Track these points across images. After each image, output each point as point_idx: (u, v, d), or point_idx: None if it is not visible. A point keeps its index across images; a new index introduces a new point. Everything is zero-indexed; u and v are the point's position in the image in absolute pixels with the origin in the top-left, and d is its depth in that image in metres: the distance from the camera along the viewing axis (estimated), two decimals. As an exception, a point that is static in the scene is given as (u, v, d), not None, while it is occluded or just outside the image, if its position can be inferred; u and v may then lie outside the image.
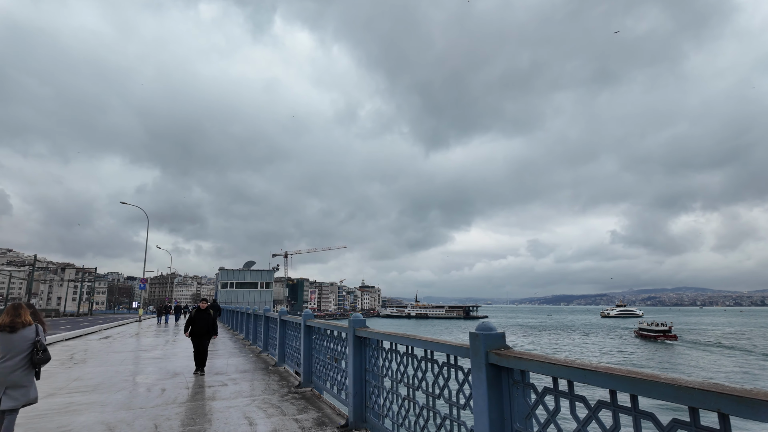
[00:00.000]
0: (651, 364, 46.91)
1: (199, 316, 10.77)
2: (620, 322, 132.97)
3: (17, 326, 4.66)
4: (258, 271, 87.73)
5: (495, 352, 2.81)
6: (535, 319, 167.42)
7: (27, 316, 4.81)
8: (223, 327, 28.62)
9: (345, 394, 5.93)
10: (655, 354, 55.68)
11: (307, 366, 7.96)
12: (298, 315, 9.08)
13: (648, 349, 61.00)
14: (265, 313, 13.06)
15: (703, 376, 38.52)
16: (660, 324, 75.51)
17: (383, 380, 4.91)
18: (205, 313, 10.85)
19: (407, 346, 4.33)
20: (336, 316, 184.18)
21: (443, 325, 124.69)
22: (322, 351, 7.30)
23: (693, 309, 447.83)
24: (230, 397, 7.47)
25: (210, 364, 11.65)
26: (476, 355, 2.93)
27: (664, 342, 68.53)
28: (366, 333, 5.23)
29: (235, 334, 22.02)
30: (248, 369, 10.65)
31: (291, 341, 9.85)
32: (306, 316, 8.07)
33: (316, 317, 33.91)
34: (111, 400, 7.37)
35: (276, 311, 11.64)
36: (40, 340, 4.80)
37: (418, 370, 4.08)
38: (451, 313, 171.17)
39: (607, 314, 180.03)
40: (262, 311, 13.54)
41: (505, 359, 2.72)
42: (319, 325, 7.35)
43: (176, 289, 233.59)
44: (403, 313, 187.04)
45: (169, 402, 7.18)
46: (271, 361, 11.73)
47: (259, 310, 14.77)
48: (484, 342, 2.89)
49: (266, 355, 13.11)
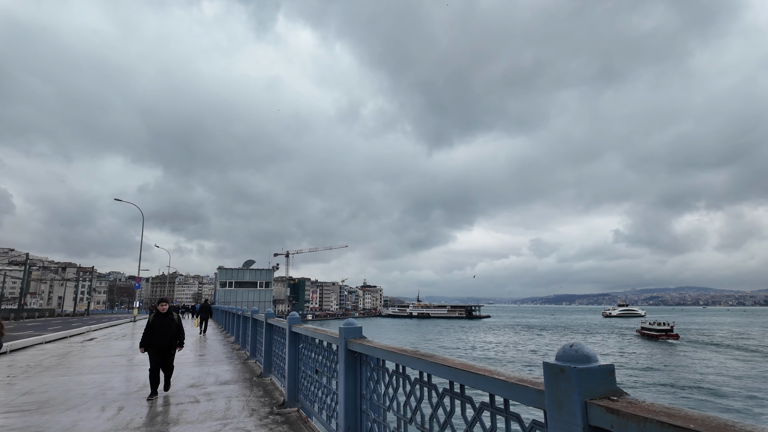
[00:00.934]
0: (651, 363, 46.00)
1: (160, 323, 8.02)
2: (622, 322, 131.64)
3: None
4: (257, 270, 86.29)
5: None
6: (538, 318, 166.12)
7: None
8: (216, 328, 27.28)
9: (336, 425, 4.40)
10: (656, 353, 55.40)
11: (293, 381, 6.57)
12: (283, 319, 7.69)
13: (650, 348, 60.67)
14: (253, 315, 11.65)
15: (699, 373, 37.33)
16: (662, 323, 76.30)
17: (386, 414, 3.48)
18: (167, 319, 8.13)
19: (421, 372, 2.87)
20: (338, 315, 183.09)
21: (445, 325, 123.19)
22: (309, 364, 5.92)
23: (696, 309, 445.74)
24: (197, 420, 6.08)
25: (189, 371, 10.33)
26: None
27: (666, 341, 69.16)
28: (362, 347, 3.78)
29: (227, 337, 20.62)
30: (229, 380, 9.24)
31: (278, 349, 8.46)
32: (291, 320, 6.67)
33: (317, 317, 32.41)
34: (50, 424, 5.98)
35: (280, 313, 9.98)
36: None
37: (439, 407, 2.64)
38: (453, 313, 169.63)
39: (609, 314, 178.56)
40: (250, 313, 12.13)
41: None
42: (306, 333, 5.94)
43: (177, 289, 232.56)
44: (405, 312, 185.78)
45: (120, 428, 5.79)
46: (257, 370, 10.34)
47: (248, 311, 13.32)
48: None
49: (254, 362, 11.72)
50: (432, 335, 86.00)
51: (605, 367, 1.55)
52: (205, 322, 23.03)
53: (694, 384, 35.30)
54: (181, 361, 12.11)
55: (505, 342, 70.23)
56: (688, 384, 35.30)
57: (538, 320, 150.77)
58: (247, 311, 13.55)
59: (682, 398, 30.42)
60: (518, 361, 47.88)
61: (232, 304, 69.88)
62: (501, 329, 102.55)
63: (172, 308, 30.75)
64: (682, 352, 55.70)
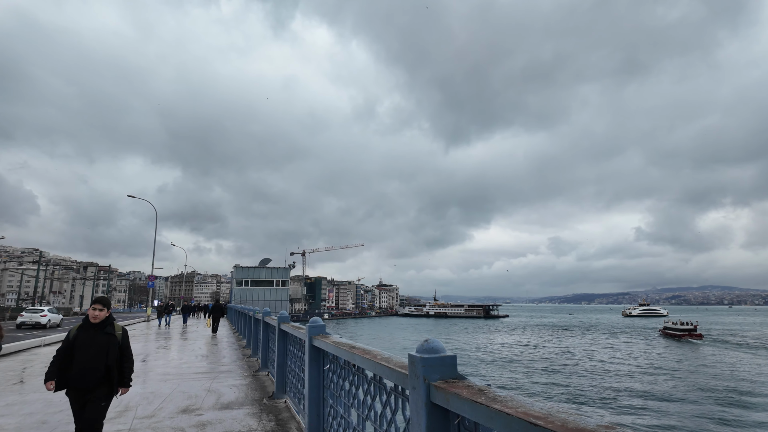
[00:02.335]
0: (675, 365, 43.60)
1: (87, 342, 4.43)
2: (644, 322, 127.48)
3: None
4: (273, 268, 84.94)
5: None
6: (557, 318, 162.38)
7: None
8: (229, 329, 25.59)
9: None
10: (678, 353, 54.23)
11: (315, 418, 4.54)
12: (301, 326, 5.68)
13: (675, 350, 59.15)
14: (264, 318, 9.68)
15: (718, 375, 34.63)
16: (685, 323, 75.94)
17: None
18: (99, 334, 4.49)
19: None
20: (354, 314, 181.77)
21: (463, 324, 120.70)
22: (342, 399, 3.89)
23: (721, 308, 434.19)
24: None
25: (186, 387, 8.46)
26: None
27: (689, 341, 68.58)
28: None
29: (239, 340, 18.63)
30: (233, 401, 7.26)
31: (294, 365, 6.46)
32: (312, 330, 4.66)
33: (334, 316, 30.38)
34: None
35: (296, 312, 7.97)
36: None
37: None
38: (470, 312, 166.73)
39: (629, 313, 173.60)
40: (261, 314, 10.17)
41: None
42: (338, 353, 3.90)
43: (196, 288, 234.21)
44: (422, 312, 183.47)
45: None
46: (269, 387, 8.36)
47: (258, 312, 11.37)
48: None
49: (265, 374, 9.74)
50: (449, 335, 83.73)
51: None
52: (216, 322, 22.86)
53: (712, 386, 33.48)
54: (181, 372, 10.26)
55: (524, 342, 67.64)
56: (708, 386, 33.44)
57: (557, 320, 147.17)
58: (258, 312, 11.58)
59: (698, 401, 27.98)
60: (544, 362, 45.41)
61: (249, 303, 68.74)
62: (521, 329, 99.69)
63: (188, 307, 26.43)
64: (706, 353, 54.55)
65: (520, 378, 36.97)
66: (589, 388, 32.56)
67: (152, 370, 10.58)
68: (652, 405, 27.87)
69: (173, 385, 8.60)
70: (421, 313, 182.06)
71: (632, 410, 26.71)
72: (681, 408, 27.29)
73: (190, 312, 39.14)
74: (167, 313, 29.28)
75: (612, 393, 30.98)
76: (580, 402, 28.45)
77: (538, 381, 35.55)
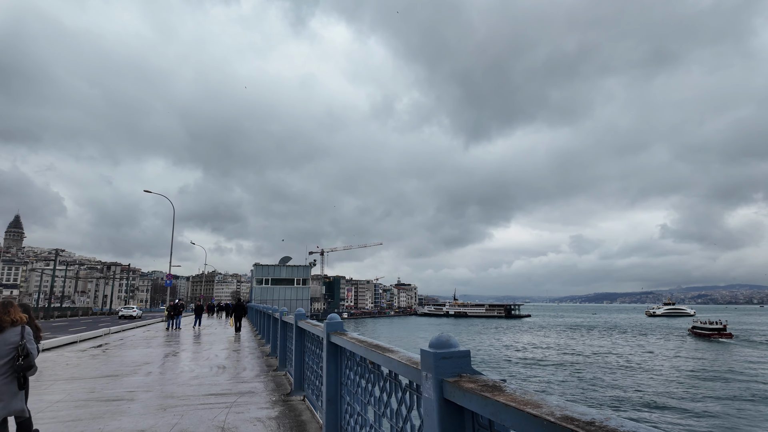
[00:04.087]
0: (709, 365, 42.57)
1: None
2: (670, 322, 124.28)
3: (5, 325, 4.13)
4: (294, 266, 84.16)
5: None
6: (582, 318, 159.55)
7: (18, 314, 4.25)
8: (250, 330, 25.70)
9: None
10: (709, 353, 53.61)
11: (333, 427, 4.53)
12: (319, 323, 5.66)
13: (701, 348, 59.20)
14: (283, 317, 9.48)
15: None
16: (714, 322, 76.16)
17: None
18: None
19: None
20: (373, 314, 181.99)
21: (483, 324, 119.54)
22: (360, 393, 3.88)
23: (751, 308, 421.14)
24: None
25: (194, 419, 6.12)
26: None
27: (719, 340, 68.57)
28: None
29: (261, 345, 17.15)
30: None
31: (313, 375, 6.43)
32: (330, 326, 4.64)
33: (353, 315, 29.83)
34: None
35: (316, 311, 7.52)
36: (24, 344, 4.16)
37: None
38: (491, 312, 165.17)
39: (653, 313, 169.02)
40: (279, 314, 10.13)
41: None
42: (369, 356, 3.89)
43: (216, 287, 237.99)
44: (441, 311, 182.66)
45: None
46: (304, 415, 6.34)
47: (277, 311, 11.36)
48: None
49: (300, 399, 7.30)
50: (472, 335, 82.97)
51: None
52: (239, 321, 23.13)
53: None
54: (189, 393, 7.91)
55: (552, 343, 66.58)
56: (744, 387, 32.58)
57: (583, 319, 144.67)
58: (276, 311, 11.60)
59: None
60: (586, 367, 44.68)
61: (269, 302, 69.19)
62: (546, 329, 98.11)
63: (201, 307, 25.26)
64: (739, 353, 53.60)
65: (553, 380, 36.44)
66: (629, 390, 31.95)
67: (152, 389, 8.23)
68: (692, 407, 27.23)
69: (174, 419, 6.15)
70: (441, 312, 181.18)
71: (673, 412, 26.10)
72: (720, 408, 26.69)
73: (206, 312, 38.43)
74: (176, 314, 26.10)
75: (653, 395, 30.25)
76: (618, 405, 27.75)
77: (574, 383, 34.97)
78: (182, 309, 27.58)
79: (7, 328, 4.09)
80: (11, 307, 4.23)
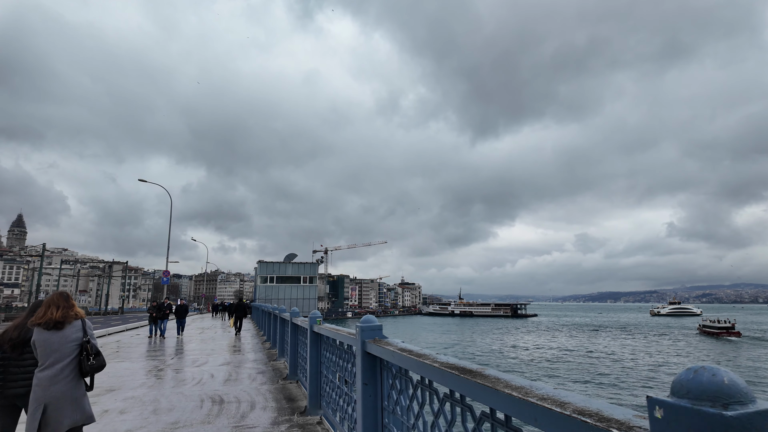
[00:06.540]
0: None
1: None
2: (676, 321, 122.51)
3: (69, 320, 3.62)
4: (300, 264, 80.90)
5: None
6: (588, 317, 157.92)
7: (78, 308, 3.77)
8: (254, 330, 24.62)
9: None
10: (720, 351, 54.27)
11: None
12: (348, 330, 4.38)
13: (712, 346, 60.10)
14: (293, 318, 8.27)
15: None
16: (722, 321, 78.24)
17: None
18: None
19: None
20: (378, 313, 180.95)
21: (491, 324, 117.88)
22: None
23: (757, 307, 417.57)
24: None
25: None
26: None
27: (728, 339, 70.02)
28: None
29: (265, 347, 15.76)
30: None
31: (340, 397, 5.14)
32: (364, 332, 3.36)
33: (357, 314, 28.00)
34: None
35: (319, 311, 6.24)
36: (90, 339, 3.65)
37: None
38: (497, 312, 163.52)
39: (657, 312, 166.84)
40: (288, 315, 8.84)
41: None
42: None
43: (219, 286, 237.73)
44: (447, 311, 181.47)
45: None
46: None
47: (284, 311, 10.05)
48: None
49: (316, 422, 5.82)
50: (481, 335, 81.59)
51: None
52: (240, 321, 22.11)
53: None
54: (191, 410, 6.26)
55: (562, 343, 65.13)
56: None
57: (590, 319, 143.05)
58: (285, 311, 10.28)
59: None
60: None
61: (274, 301, 67.62)
62: (554, 329, 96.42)
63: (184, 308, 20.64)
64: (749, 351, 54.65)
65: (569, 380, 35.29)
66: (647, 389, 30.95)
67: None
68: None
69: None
70: (446, 312, 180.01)
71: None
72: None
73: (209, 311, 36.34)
74: (161, 317, 19.56)
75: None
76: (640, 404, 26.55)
77: (593, 383, 33.86)
78: (169, 311, 20.94)
79: (70, 323, 3.62)
80: (72, 299, 3.83)
